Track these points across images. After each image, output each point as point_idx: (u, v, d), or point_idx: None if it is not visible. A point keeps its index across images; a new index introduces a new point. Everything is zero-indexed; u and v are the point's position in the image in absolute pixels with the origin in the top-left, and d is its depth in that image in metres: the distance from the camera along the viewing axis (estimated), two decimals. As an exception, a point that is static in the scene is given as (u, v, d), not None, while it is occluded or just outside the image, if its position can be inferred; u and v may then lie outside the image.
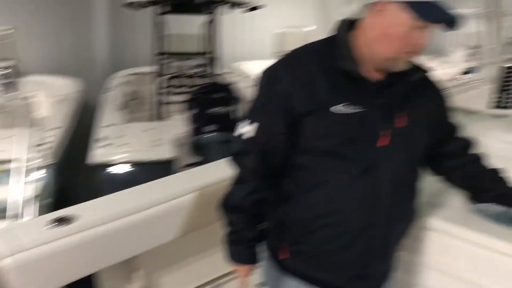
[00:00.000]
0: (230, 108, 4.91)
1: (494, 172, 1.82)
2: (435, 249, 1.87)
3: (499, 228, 1.76)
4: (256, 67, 10.28)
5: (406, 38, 1.40)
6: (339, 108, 1.47)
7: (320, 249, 1.61)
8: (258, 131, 1.57)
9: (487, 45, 3.58)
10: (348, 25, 1.57)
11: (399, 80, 1.54)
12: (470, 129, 2.27)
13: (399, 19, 1.38)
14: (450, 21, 1.37)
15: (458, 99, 3.99)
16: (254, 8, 7.04)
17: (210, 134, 4.67)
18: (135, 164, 4.30)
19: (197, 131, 4.71)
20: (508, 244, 1.66)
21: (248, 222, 1.68)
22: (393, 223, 1.62)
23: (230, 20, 14.12)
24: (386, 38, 1.43)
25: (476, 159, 1.83)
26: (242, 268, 1.76)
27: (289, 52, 1.63)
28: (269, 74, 1.58)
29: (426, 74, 1.65)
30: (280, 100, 1.53)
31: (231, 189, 1.68)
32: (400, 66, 1.49)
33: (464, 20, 1.39)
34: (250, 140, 1.59)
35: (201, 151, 4.70)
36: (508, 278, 1.67)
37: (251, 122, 1.58)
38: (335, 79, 1.50)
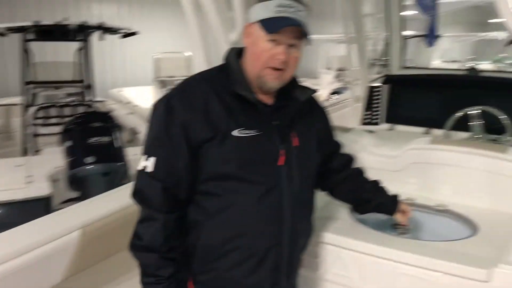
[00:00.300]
0: (110, 138, 4.70)
1: (373, 183, 1.98)
2: (329, 262, 1.94)
3: (383, 235, 1.91)
4: (136, 93, 10.06)
5: (266, 53, 1.53)
6: (237, 133, 1.53)
7: (228, 275, 1.60)
8: (157, 165, 1.53)
9: (353, 67, 3.90)
10: (237, 53, 1.65)
11: (289, 102, 1.64)
12: (346, 145, 2.45)
13: (258, 37, 1.54)
14: (299, 31, 1.52)
15: (332, 117, 4.31)
16: (129, 34, 6.87)
17: (90, 166, 4.41)
18: (5, 204, 3.89)
19: (75, 163, 4.42)
20: (390, 249, 1.79)
21: (163, 260, 1.57)
22: (297, 240, 1.68)
23: (107, 46, 13.71)
24: (253, 56, 1.57)
25: (357, 173, 1.98)
26: None
27: (180, 82, 1.64)
28: (163, 106, 1.56)
29: (312, 95, 1.75)
30: (177, 131, 1.52)
31: (137, 229, 1.58)
32: (270, 85, 1.58)
33: (310, 32, 1.55)
34: (149, 175, 1.54)
35: (81, 185, 4.42)
36: (392, 278, 1.79)
37: (149, 157, 1.54)
38: (231, 105, 1.55)
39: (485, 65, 14.01)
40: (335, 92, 10.35)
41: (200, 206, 1.59)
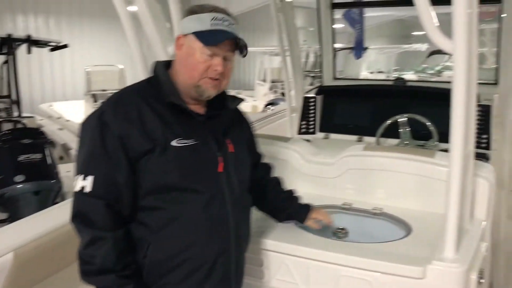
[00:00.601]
0: (41, 154, 4.49)
1: (288, 193, 2.08)
2: (273, 269, 1.98)
3: (324, 240, 1.97)
4: (67, 108, 9.69)
5: (203, 64, 1.58)
6: (176, 143, 1.54)
7: (180, 287, 1.59)
8: (96, 183, 1.48)
9: (288, 79, 4.01)
10: (165, 65, 1.68)
11: (220, 111, 1.70)
12: (282, 153, 2.51)
13: (193, 48, 1.58)
14: (232, 44, 1.61)
15: (269, 128, 4.40)
16: (59, 47, 6.64)
17: (20, 185, 4.19)
18: None
19: (3, 182, 4.18)
20: (331, 253, 1.85)
21: (121, 279, 1.51)
22: (242, 245, 1.73)
23: (35, 60, 13.13)
24: (188, 66, 1.59)
25: (275, 183, 2.08)
26: None
27: (111, 95, 1.62)
28: (96, 120, 1.52)
29: (239, 105, 1.82)
30: (115, 144, 1.49)
31: (84, 254, 1.51)
32: (208, 93, 1.63)
33: (246, 45, 1.65)
34: (89, 195, 1.48)
35: (10, 206, 4.18)
36: (335, 281, 1.85)
37: (86, 176, 1.49)
38: (165, 116, 1.57)
39: (409, 76, 14.84)
40: (270, 103, 10.53)
41: (142, 223, 1.57)
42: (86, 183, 1.48)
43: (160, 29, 2.25)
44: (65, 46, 6.52)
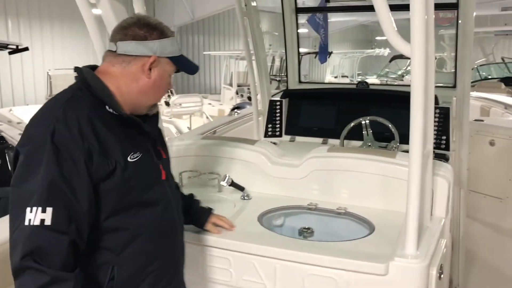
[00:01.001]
0: (1, 160, 4.38)
1: (190, 197, 2.09)
2: (240, 269, 1.99)
3: (290, 240, 2.01)
4: (28, 112, 9.43)
5: (169, 85, 1.67)
6: (130, 159, 1.50)
7: None
8: (57, 216, 1.31)
9: (254, 82, 4.04)
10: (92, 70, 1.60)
11: (147, 117, 1.68)
12: (248, 156, 2.54)
13: (166, 71, 1.62)
14: (197, 70, 1.73)
15: (236, 132, 4.42)
16: (19, 50, 6.47)
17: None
18: None
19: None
20: (297, 252, 1.88)
21: None
22: (184, 247, 1.80)
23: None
24: (158, 88, 1.61)
25: (176, 187, 1.93)
26: None
27: (54, 111, 1.43)
28: (49, 144, 1.35)
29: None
30: (74, 172, 1.35)
31: None
32: (157, 108, 1.71)
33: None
34: (50, 229, 1.30)
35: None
36: (301, 279, 1.89)
37: (44, 208, 1.30)
38: (116, 130, 1.50)
39: (371, 79, 15.18)
40: (236, 107, 10.57)
41: (104, 248, 1.50)
42: (45, 216, 1.30)
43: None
44: (25, 49, 6.36)
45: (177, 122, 9.53)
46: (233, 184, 2.41)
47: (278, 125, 3.77)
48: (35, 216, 1.29)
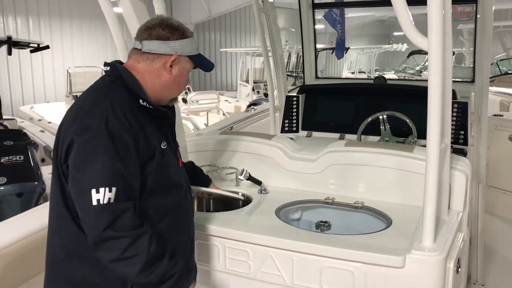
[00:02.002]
0: (23, 156, 4.47)
1: (190, 163, 2.29)
2: (259, 261, 2.03)
3: (308, 233, 2.04)
4: (48, 110, 9.60)
5: (187, 82, 1.84)
6: (162, 146, 1.71)
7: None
8: (119, 192, 1.50)
9: (271, 78, 4.07)
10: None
11: (167, 110, 1.82)
12: (265, 151, 2.56)
13: (185, 69, 1.78)
14: (212, 67, 1.88)
15: (253, 127, 4.45)
16: (40, 49, 6.58)
17: (2, 187, 4.17)
18: None
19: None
20: (315, 245, 1.91)
21: (171, 259, 1.62)
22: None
23: (16, 61, 12.96)
24: (178, 84, 1.78)
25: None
26: None
27: (101, 102, 1.59)
28: (104, 131, 1.52)
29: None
30: (128, 153, 1.55)
31: (128, 258, 1.51)
32: (176, 101, 1.90)
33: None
34: (117, 203, 1.50)
35: (-7, 207, 4.16)
36: (318, 272, 1.92)
37: (110, 188, 1.49)
38: (151, 121, 1.69)
39: (389, 75, 15.05)
40: (253, 104, 10.61)
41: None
42: (111, 195, 1.49)
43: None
44: (46, 47, 6.46)
45: (194, 119, 9.60)
46: (250, 178, 2.45)
47: (294, 121, 3.79)
48: (104, 195, 1.48)
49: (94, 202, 1.47)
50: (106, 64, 1.73)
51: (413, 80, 6.98)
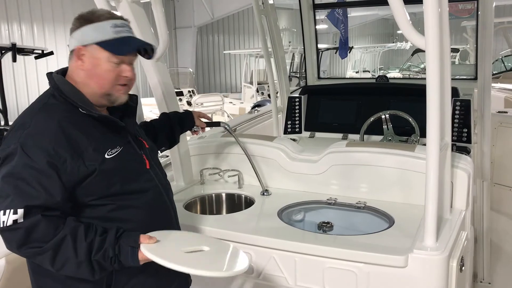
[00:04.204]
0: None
1: (164, 114, 2.29)
2: (262, 263, 2.03)
3: (311, 234, 2.04)
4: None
5: (112, 73, 1.59)
6: (107, 155, 1.57)
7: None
8: (24, 212, 1.42)
9: (274, 80, 4.07)
10: (63, 76, 1.65)
11: (125, 110, 1.74)
12: (268, 152, 2.57)
13: (98, 59, 1.57)
14: (141, 51, 1.65)
15: (256, 129, 4.45)
16: (45, 55, 6.62)
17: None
18: None
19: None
20: (317, 246, 1.91)
21: (103, 236, 1.53)
22: (178, 223, 1.87)
23: (22, 68, 13.03)
24: (96, 77, 1.58)
25: (158, 119, 2.25)
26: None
27: (23, 118, 1.56)
28: (19, 150, 1.46)
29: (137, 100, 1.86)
30: (45, 175, 1.45)
31: (62, 264, 1.46)
32: (121, 99, 1.66)
33: (155, 49, 1.70)
34: (20, 225, 1.42)
35: None
36: (321, 273, 1.92)
37: (15, 210, 1.41)
38: (90, 131, 1.57)
39: (393, 74, 14.99)
40: (257, 105, 10.62)
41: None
42: (16, 216, 1.42)
43: (144, 34, 2.30)
44: (50, 53, 6.50)
45: (199, 122, 9.61)
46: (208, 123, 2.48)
47: (297, 122, 3.79)
48: (8, 217, 1.41)
49: (1, 225, 1.42)
50: (47, 75, 1.65)
51: (416, 78, 6.96)
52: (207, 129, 2.85)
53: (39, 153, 1.45)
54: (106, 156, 1.56)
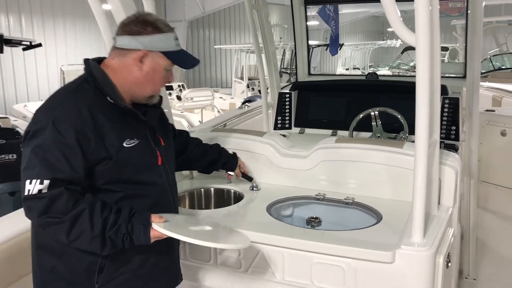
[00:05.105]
0: (16, 155, 4.45)
1: (216, 146, 2.38)
2: (251, 258, 2.03)
3: (299, 229, 2.04)
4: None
5: (165, 79, 1.78)
6: (126, 144, 1.66)
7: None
8: (49, 183, 1.52)
9: (264, 76, 4.07)
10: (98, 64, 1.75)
11: (148, 107, 1.81)
12: (257, 147, 2.57)
13: (160, 65, 1.73)
14: (195, 65, 1.82)
15: (246, 124, 4.45)
16: (32, 46, 6.55)
17: (-5, 186, 4.16)
18: None
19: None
20: (306, 241, 1.92)
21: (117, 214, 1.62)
22: None
23: (9, 59, 12.88)
24: (152, 81, 1.73)
25: (198, 142, 2.35)
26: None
27: (57, 97, 1.66)
28: (50, 125, 1.55)
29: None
30: (66, 147, 1.54)
31: (76, 235, 1.55)
32: (156, 100, 1.83)
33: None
34: (44, 195, 1.52)
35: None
36: (308, 268, 1.92)
37: (41, 180, 1.51)
38: (114, 119, 1.66)
39: (383, 71, 15.06)
40: (248, 101, 10.61)
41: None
42: (41, 186, 1.52)
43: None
44: (39, 45, 6.43)
45: (189, 116, 9.60)
46: (242, 175, 2.46)
47: (287, 118, 3.80)
48: (34, 187, 1.51)
49: (26, 193, 1.53)
50: (84, 61, 1.75)
51: (406, 76, 7.00)
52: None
53: (69, 129, 1.55)
54: (124, 144, 1.66)
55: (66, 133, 1.54)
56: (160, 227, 1.59)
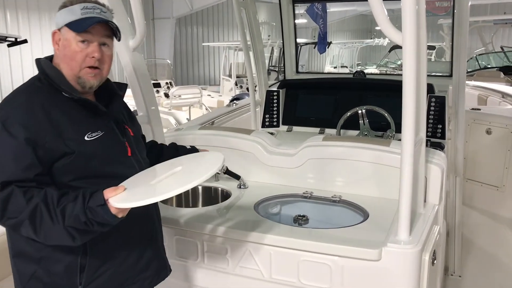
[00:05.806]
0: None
1: (172, 145, 2.20)
2: (237, 256, 2.04)
3: (286, 227, 2.04)
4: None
5: (80, 53, 1.62)
6: (87, 138, 1.59)
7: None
8: (6, 187, 1.48)
9: (252, 73, 4.06)
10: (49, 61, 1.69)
11: (112, 98, 1.76)
12: (245, 145, 2.56)
13: (68, 40, 1.62)
14: (107, 29, 1.65)
15: (234, 122, 4.44)
16: (18, 43, 6.46)
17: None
18: None
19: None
20: (292, 239, 1.93)
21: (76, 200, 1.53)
22: (159, 215, 1.90)
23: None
24: (66, 58, 1.62)
25: (151, 145, 2.14)
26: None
27: (9, 98, 1.60)
28: (4, 123, 1.51)
29: (126, 89, 1.87)
30: (23, 151, 1.49)
31: (44, 230, 1.48)
32: (90, 84, 1.66)
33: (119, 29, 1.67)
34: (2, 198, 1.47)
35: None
36: (295, 266, 1.93)
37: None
38: (71, 113, 1.60)
39: (371, 69, 15.13)
40: (236, 99, 10.59)
41: None
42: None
43: (121, 23, 2.25)
44: (24, 41, 6.34)
45: (177, 114, 9.53)
46: (228, 172, 2.44)
47: (275, 115, 3.80)
48: None
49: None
50: (35, 61, 1.69)
51: (393, 74, 7.04)
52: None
53: (19, 129, 1.50)
54: (85, 138, 1.59)
55: (17, 133, 1.49)
56: (116, 202, 1.44)
